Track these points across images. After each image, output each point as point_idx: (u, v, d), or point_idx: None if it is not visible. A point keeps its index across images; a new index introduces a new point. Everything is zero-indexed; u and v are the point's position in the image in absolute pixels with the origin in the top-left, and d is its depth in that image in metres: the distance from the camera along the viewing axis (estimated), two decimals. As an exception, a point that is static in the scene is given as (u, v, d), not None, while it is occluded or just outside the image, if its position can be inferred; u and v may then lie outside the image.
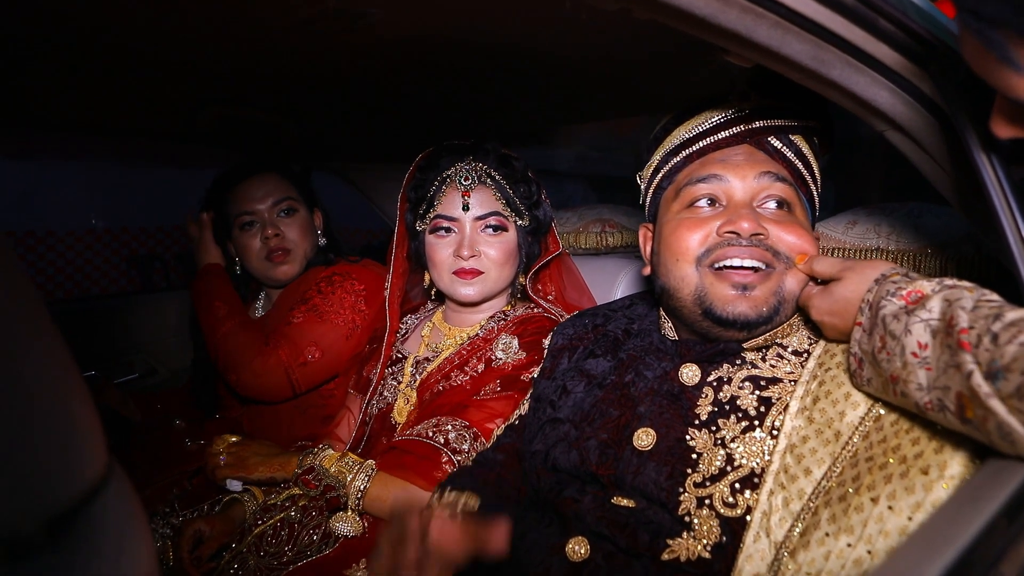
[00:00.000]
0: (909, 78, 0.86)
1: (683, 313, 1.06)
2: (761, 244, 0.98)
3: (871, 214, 1.65)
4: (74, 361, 0.51)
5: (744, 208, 1.00)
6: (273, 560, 1.35)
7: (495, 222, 1.44)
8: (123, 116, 1.54)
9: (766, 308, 0.98)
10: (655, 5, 0.68)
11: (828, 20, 0.74)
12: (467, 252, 1.42)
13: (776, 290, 0.99)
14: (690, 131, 1.10)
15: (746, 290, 0.98)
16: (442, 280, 1.47)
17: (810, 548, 0.88)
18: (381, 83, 1.34)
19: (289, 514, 1.40)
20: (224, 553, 1.37)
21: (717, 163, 1.05)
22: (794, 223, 1.02)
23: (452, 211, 1.43)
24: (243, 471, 1.42)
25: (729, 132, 1.06)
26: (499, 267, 1.46)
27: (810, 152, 1.09)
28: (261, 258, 1.68)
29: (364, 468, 1.32)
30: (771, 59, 0.80)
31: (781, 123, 1.06)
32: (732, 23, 0.72)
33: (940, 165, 0.96)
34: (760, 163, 1.04)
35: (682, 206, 1.07)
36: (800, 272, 1.00)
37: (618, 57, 1.10)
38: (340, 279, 1.61)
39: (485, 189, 1.44)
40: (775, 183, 1.02)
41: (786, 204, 1.03)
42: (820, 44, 0.77)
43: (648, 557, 0.92)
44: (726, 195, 1.03)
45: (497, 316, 1.52)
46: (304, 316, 1.56)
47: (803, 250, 0.99)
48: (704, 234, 1.02)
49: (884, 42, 0.79)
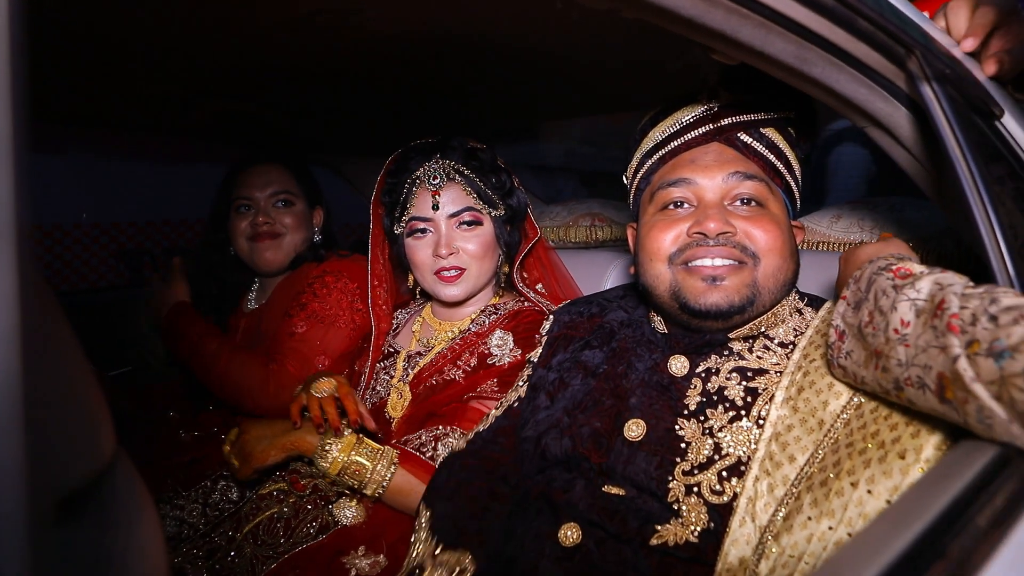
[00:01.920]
0: (888, 76, 0.89)
1: (664, 308, 1.11)
2: (729, 242, 1.02)
3: (855, 208, 1.68)
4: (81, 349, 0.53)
5: (713, 208, 1.04)
6: (269, 550, 1.37)
7: (469, 217, 1.45)
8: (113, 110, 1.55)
9: (738, 298, 1.02)
10: (643, 5, 0.70)
11: (809, 21, 0.77)
12: (445, 250, 1.43)
13: (749, 282, 1.02)
14: (662, 132, 1.13)
15: (716, 281, 1.02)
16: (425, 281, 1.50)
17: (793, 532, 0.91)
18: (372, 78, 1.36)
19: (282, 510, 1.42)
20: (218, 540, 1.38)
21: (687, 165, 1.08)
22: (764, 217, 1.04)
23: (425, 212, 1.45)
24: (257, 463, 1.36)
25: (698, 132, 1.09)
26: (479, 261, 1.47)
27: (784, 143, 1.11)
28: (245, 238, 1.69)
29: (387, 456, 1.30)
30: (755, 57, 0.82)
31: (750, 118, 1.08)
32: (718, 23, 0.74)
33: (918, 160, 0.99)
34: (729, 162, 1.07)
35: (656, 208, 1.10)
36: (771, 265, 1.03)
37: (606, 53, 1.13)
38: (333, 279, 1.62)
39: (454, 185, 1.46)
40: (744, 182, 1.05)
41: (756, 200, 1.06)
42: (802, 43, 0.80)
43: (637, 542, 0.95)
44: (696, 196, 1.07)
45: (488, 310, 1.54)
46: (308, 325, 1.56)
47: (772, 246, 1.02)
48: (675, 235, 1.06)
49: (863, 41, 0.82)
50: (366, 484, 1.29)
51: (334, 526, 1.38)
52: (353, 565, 1.27)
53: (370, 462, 1.29)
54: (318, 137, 1.92)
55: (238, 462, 1.36)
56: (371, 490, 1.30)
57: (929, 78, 0.85)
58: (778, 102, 1.10)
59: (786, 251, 1.05)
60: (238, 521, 1.42)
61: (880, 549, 0.49)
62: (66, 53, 1.12)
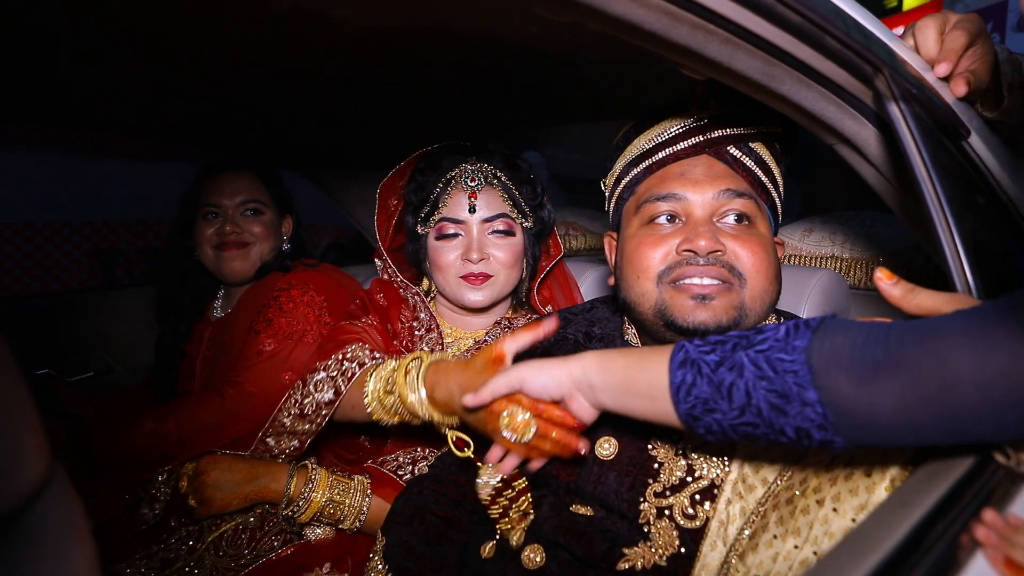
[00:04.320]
0: (855, 94, 0.88)
1: (646, 325, 1.07)
2: (718, 262, 0.99)
3: (827, 222, 1.69)
4: (14, 361, 0.50)
5: (703, 226, 1.01)
6: (231, 561, 1.33)
7: (503, 226, 1.41)
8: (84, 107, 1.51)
9: (726, 319, 0.99)
10: (606, 19, 0.69)
11: (776, 38, 0.76)
12: (476, 255, 1.38)
13: (737, 304, 0.99)
14: (649, 141, 1.10)
15: (705, 300, 0.98)
16: (448, 284, 1.43)
17: (759, 551, 0.90)
18: (346, 82, 1.34)
19: (248, 520, 1.38)
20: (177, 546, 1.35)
21: (676, 178, 1.05)
22: (752, 238, 1.02)
23: (459, 213, 1.40)
24: (216, 510, 1.31)
25: (688, 143, 1.06)
26: (508, 270, 1.43)
27: (771, 158, 1.09)
28: (212, 246, 1.66)
29: (360, 487, 1.29)
30: (722, 73, 0.81)
31: (740, 131, 1.06)
32: (683, 39, 0.73)
33: (885, 177, 0.99)
34: (720, 177, 1.04)
35: (642, 222, 1.07)
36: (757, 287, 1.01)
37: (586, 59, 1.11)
38: (299, 293, 1.58)
39: (492, 190, 1.42)
40: (734, 199, 1.03)
41: (746, 218, 1.03)
42: (769, 60, 0.79)
43: (604, 566, 0.92)
44: (685, 212, 1.03)
45: (503, 323, 1.49)
46: (275, 342, 1.51)
47: (759, 267, 1.00)
48: (664, 252, 1.02)
49: (831, 60, 0.82)
50: (344, 519, 1.28)
51: (299, 539, 1.35)
52: (317, 582, 1.24)
53: (345, 498, 1.28)
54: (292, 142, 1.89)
55: (195, 503, 1.32)
56: (349, 523, 1.28)
57: (896, 98, 0.85)
58: (765, 115, 1.07)
59: (771, 273, 1.03)
60: (200, 530, 1.38)
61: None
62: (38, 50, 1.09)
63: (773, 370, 0.72)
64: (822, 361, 0.69)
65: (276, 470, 1.32)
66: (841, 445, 0.71)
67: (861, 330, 0.70)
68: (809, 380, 0.69)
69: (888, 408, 0.65)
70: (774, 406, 0.72)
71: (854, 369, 0.67)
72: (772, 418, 0.73)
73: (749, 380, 0.73)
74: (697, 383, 0.76)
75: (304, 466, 1.32)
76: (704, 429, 0.78)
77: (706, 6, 0.69)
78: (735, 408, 0.74)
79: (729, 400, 0.74)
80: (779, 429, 0.73)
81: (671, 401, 0.79)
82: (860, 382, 0.66)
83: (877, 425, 0.67)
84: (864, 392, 0.66)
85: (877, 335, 0.68)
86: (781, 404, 0.71)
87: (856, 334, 0.70)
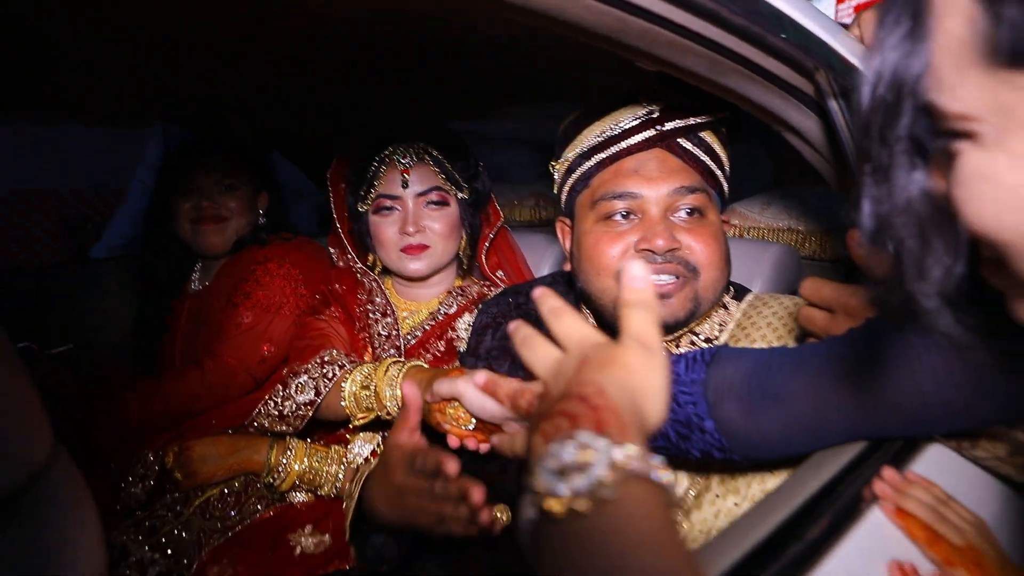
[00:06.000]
0: (798, 87, 0.94)
1: (605, 314, 1.12)
2: (675, 259, 1.04)
3: (784, 196, 1.77)
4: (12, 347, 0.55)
5: (659, 224, 1.05)
6: (218, 523, 1.41)
7: (436, 197, 1.48)
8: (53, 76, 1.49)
9: (683, 313, 1.05)
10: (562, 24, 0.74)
11: (721, 39, 0.81)
12: (412, 228, 1.45)
13: (692, 296, 1.05)
14: (601, 134, 1.11)
15: (663, 298, 1.04)
16: (390, 258, 1.50)
17: (703, 508, 0.99)
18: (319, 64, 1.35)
19: (232, 485, 1.45)
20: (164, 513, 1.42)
21: (631, 175, 1.08)
22: (705, 230, 1.07)
23: (393, 189, 1.46)
24: (201, 481, 1.40)
25: (641, 137, 1.08)
26: (444, 240, 1.49)
27: (719, 145, 1.13)
28: (189, 220, 1.69)
29: (336, 455, 1.38)
30: (672, 68, 0.87)
31: (691, 122, 1.09)
32: (634, 40, 0.79)
33: (824, 158, 1.06)
34: (673, 173, 1.07)
35: (598, 218, 1.10)
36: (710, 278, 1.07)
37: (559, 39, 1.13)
38: (276, 266, 1.62)
39: (424, 166, 1.48)
40: (687, 196, 1.07)
41: (698, 211, 1.08)
42: (716, 58, 0.84)
43: None
44: (640, 209, 1.07)
45: (455, 292, 1.56)
46: (253, 314, 1.56)
47: (712, 259, 1.06)
48: (622, 249, 1.07)
49: (773, 56, 0.87)
50: (321, 486, 1.36)
51: (281, 502, 1.43)
52: (299, 543, 1.32)
53: (323, 466, 1.36)
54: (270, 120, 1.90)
55: (181, 476, 1.39)
56: (327, 490, 1.36)
57: (836, 94, 0.91)
58: (713, 101, 1.08)
59: (723, 262, 1.09)
60: (186, 496, 1.45)
61: (746, 535, 0.56)
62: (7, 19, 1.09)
63: (676, 403, 0.82)
64: (717, 394, 0.80)
65: (257, 442, 1.40)
66: (740, 460, 0.83)
67: (749, 361, 0.82)
68: (706, 411, 0.80)
69: (773, 432, 0.77)
70: (680, 434, 0.83)
71: (743, 400, 0.78)
72: (679, 443, 0.83)
73: None
74: None
75: (282, 438, 1.40)
76: None
77: (653, 11, 0.74)
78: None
79: None
80: (686, 451, 0.84)
81: None
82: (748, 412, 0.78)
83: (765, 445, 0.79)
84: (751, 420, 0.77)
85: (763, 366, 0.79)
86: (686, 432, 0.82)
87: (745, 365, 0.81)
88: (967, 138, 0.46)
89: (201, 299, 1.74)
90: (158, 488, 1.44)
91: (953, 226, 0.51)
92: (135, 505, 1.42)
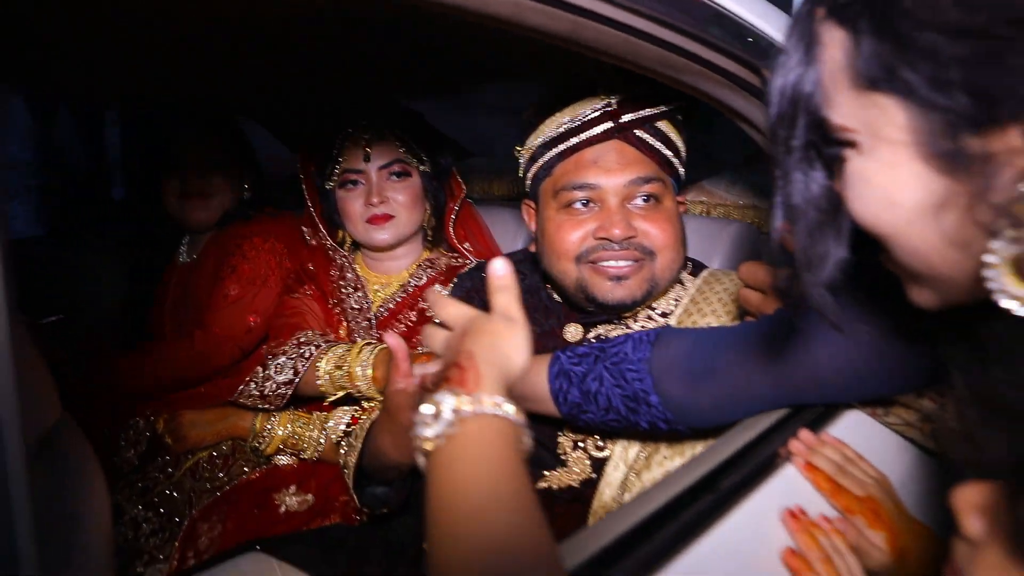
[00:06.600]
0: (747, 79, 1.01)
1: (567, 294, 1.21)
2: (631, 245, 1.12)
3: (751, 174, 1.84)
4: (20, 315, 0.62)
5: (616, 214, 1.12)
6: (207, 484, 1.50)
7: (398, 168, 1.55)
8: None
9: (640, 292, 1.14)
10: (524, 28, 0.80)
11: (672, 38, 0.88)
12: (376, 199, 1.52)
13: (648, 277, 1.14)
14: (561, 126, 1.17)
15: (620, 280, 1.13)
16: (357, 230, 1.57)
17: (652, 468, 1.09)
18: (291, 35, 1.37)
19: (220, 448, 1.54)
20: (156, 475, 1.50)
21: (590, 166, 1.14)
22: (660, 215, 1.15)
23: (357, 164, 1.54)
24: (191, 444, 1.50)
25: (600, 129, 1.14)
26: (408, 210, 1.56)
27: (675, 132, 1.19)
28: (176, 196, 1.74)
29: (318, 423, 1.47)
30: (628, 64, 0.93)
31: (647, 113, 1.15)
32: (590, 41, 0.85)
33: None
34: (631, 164, 1.14)
35: (560, 206, 1.17)
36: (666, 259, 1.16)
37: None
38: (261, 240, 1.68)
39: (385, 140, 1.55)
40: (643, 185, 1.14)
41: (654, 197, 1.15)
42: (666, 55, 0.91)
43: None
44: (599, 198, 1.14)
45: (424, 264, 1.64)
46: (239, 287, 1.63)
47: (667, 243, 1.14)
48: (581, 236, 1.14)
49: (722, 54, 0.94)
50: (304, 450, 1.45)
51: (266, 465, 1.52)
52: (283, 502, 1.41)
53: (305, 431, 1.45)
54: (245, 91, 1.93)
55: (172, 440, 1.49)
56: (309, 453, 1.46)
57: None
58: (668, 90, 1.12)
59: (678, 243, 1.17)
60: (176, 459, 1.53)
61: (671, 486, 0.65)
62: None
63: (624, 380, 0.92)
64: (661, 371, 0.90)
65: (243, 410, 1.50)
66: (684, 430, 0.94)
67: (689, 340, 0.92)
68: (652, 387, 0.90)
69: (710, 404, 0.88)
70: (629, 407, 0.93)
71: (685, 376, 0.88)
72: (628, 416, 0.94)
73: (608, 388, 0.94)
74: (571, 391, 0.96)
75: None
76: (583, 423, 1.00)
77: (604, 15, 0.80)
78: (602, 409, 0.95)
79: (596, 404, 0.95)
80: (635, 423, 0.94)
81: (553, 404, 0.99)
82: (689, 386, 0.88)
83: (705, 416, 0.90)
84: (692, 394, 0.88)
85: (702, 345, 0.90)
86: (634, 406, 0.93)
87: (686, 344, 0.92)
88: (851, 147, 0.55)
89: (189, 271, 1.80)
90: (150, 452, 1.53)
91: (842, 221, 0.60)
92: (128, 469, 1.51)
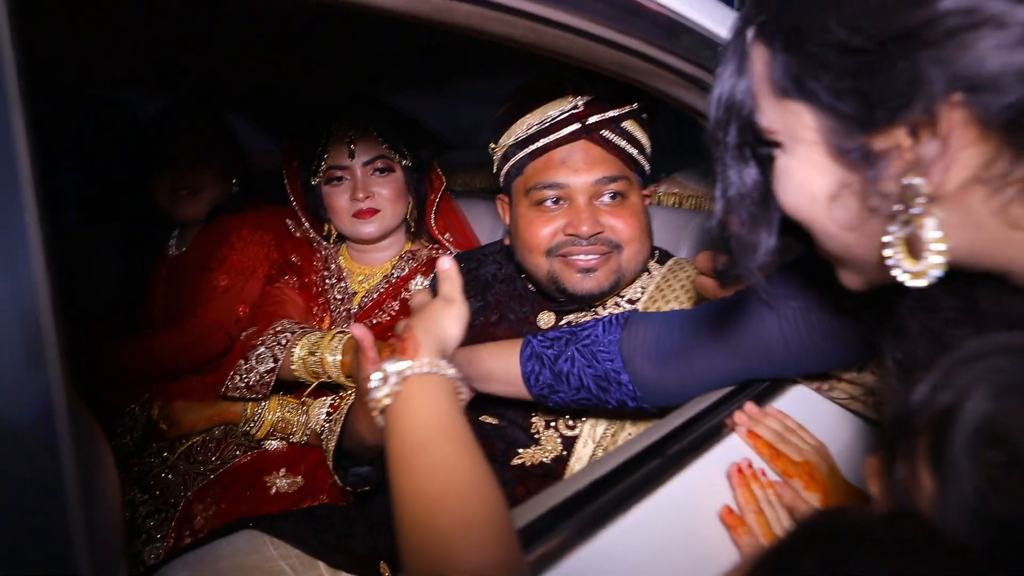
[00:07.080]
0: (701, 77, 1.08)
1: (540, 284, 1.29)
2: (599, 240, 1.20)
3: (721, 167, 1.91)
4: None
5: (584, 212, 1.19)
6: (201, 467, 1.56)
7: (382, 164, 1.61)
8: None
9: (608, 283, 1.22)
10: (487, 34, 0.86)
11: (631, 43, 0.94)
12: (362, 194, 1.58)
13: (615, 269, 1.22)
14: (531, 128, 1.22)
15: (589, 272, 1.21)
16: (343, 224, 1.64)
17: (618, 444, 1.16)
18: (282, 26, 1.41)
19: (213, 433, 1.61)
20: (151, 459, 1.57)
21: (559, 166, 1.21)
22: (626, 210, 1.22)
23: (342, 160, 1.60)
24: (185, 429, 1.56)
25: (567, 131, 1.20)
26: (392, 204, 1.63)
27: (640, 131, 1.26)
28: (165, 190, 1.80)
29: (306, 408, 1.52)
30: (590, 66, 1.00)
31: (612, 114, 1.21)
32: (550, 44, 0.91)
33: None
34: (597, 163, 1.20)
35: (532, 203, 1.24)
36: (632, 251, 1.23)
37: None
38: (250, 232, 1.74)
39: (368, 137, 1.61)
40: (610, 184, 1.21)
41: (620, 194, 1.22)
42: (627, 59, 0.97)
43: (501, 462, 1.19)
44: (568, 196, 1.21)
45: (406, 255, 1.70)
46: (228, 278, 1.68)
47: (633, 236, 1.22)
48: (551, 232, 1.22)
49: (675, 56, 1.00)
50: (293, 434, 1.52)
51: (257, 448, 1.59)
52: (273, 483, 1.48)
53: (294, 416, 1.51)
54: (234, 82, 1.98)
55: (166, 426, 1.55)
56: (298, 437, 1.52)
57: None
58: (632, 90, 1.18)
59: (644, 235, 1.25)
60: (171, 444, 1.60)
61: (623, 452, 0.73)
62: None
63: (596, 360, 1.00)
64: (630, 352, 0.98)
65: None
66: (649, 408, 1.01)
67: (656, 323, 1.00)
68: (622, 367, 0.98)
69: (674, 383, 0.96)
70: (600, 386, 1.01)
71: (652, 357, 0.96)
72: (599, 394, 1.01)
73: (580, 368, 1.01)
74: (542, 372, 1.04)
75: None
76: (553, 404, 1.08)
77: (561, 22, 0.86)
78: (572, 389, 1.03)
79: (567, 384, 1.03)
80: (605, 401, 1.02)
81: (524, 386, 1.06)
82: (656, 367, 0.96)
83: (670, 394, 0.98)
84: (658, 375, 0.96)
85: (669, 328, 0.98)
86: (605, 385, 1.00)
87: (652, 327, 0.99)
88: (777, 146, 0.62)
89: (179, 263, 1.86)
90: (145, 438, 1.59)
91: (772, 212, 0.68)
92: (125, 455, 1.57)
